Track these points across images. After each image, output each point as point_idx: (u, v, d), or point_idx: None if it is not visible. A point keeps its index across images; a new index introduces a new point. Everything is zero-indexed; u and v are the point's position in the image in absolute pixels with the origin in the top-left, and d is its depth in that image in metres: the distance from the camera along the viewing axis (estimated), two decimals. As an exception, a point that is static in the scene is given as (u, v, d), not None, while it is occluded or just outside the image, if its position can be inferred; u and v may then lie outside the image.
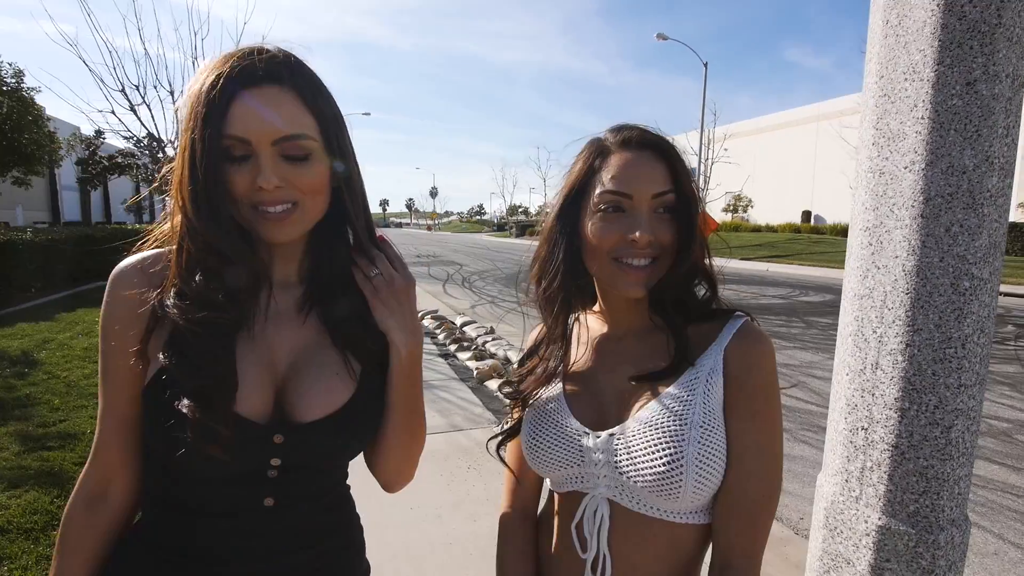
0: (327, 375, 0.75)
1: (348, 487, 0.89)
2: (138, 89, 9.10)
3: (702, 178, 25.48)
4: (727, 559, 0.74)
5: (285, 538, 0.76)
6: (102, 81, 7.84)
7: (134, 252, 0.77)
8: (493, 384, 4.88)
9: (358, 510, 0.91)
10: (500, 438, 0.93)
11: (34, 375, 5.02)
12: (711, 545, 0.78)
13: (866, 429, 1.17)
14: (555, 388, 0.86)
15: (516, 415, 0.90)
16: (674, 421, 0.73)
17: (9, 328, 6.91)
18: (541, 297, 0.87)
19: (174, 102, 9.48)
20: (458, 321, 7.85)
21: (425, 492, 2.95)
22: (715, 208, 34.74)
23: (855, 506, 1.19)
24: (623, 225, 0.77)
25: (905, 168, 1.09)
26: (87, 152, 17.16)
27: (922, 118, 1.06)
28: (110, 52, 12.06)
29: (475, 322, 7.77)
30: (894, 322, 1.12)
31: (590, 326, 0.90)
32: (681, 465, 0.71)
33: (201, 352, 0.69)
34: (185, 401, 0.67)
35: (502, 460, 0.93)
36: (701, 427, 0.73)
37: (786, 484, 3.49)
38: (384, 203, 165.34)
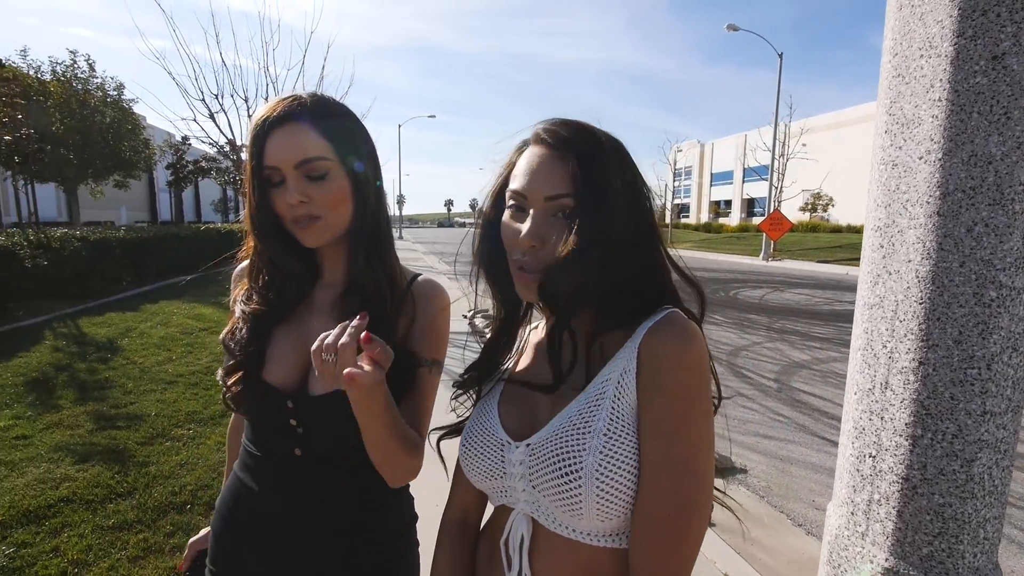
0: None
1: None
2: (217, 98, 9.79)
3: (776, 175, 24.08)
4: None
5: (312, 483, 0.93)
6: (185, 91, 8.50)
7: (240, 258, 1.02)
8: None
9: None
10: (442, 432, 0.89)
11: (114, 360, 5.50)
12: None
13: (874, 456, 1.03)
14: (495, 392, 0.82)
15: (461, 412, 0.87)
16: (576, 430, 0.66)
17: (100, 317, 7.62)
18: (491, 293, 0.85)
19: (248, 110, 10.11)
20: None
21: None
22: (791, 207, 32.67)
23: (860, 543, 1.05)
24: (520, 224, 0.71)
25: (920, 158, 0.94)
26: (175, 157, 18.71)
27: (939, 100, 0.91)
28: (192, 64, 13.04)
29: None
30: (906, 336, 0.97)
31: (541, 333, 0.85)
32: (579, 476, 0.64)
33: (243, 336, 0.92)
34: (220, 372, 0.94)
35: (440, 455, 0.88)
36: (604, 435, 0.65)
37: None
38: (449, 203, 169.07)
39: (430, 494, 1.11)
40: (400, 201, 48.54)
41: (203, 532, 1.10)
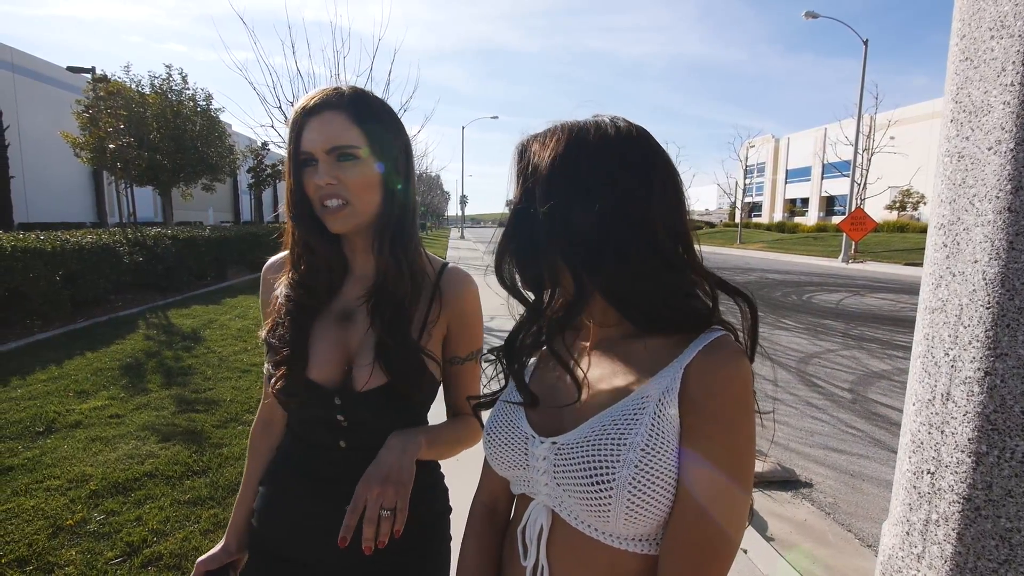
0: (370, 362, 0.94)
1: None
2: (292, 104, 10.36)
3: (858, 170, 22.48)
4: None
5: (356, 474, 0.93)
6: (264, 99, 9.06)
7: (283, 248, 1.05)
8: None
9: None
10: (478, 400, 0.91)
11: (197, 349, 5.96)
12: None
13: (932, 473, 0.94)
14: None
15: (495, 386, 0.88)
16: (613, 440, 0.66)
17: (186, 309, 8.28)
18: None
19: (320, 114, 10.63)
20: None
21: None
22: (875, 205, 30.27)
23: (916, 565, 0.97)
24: None
25: (989, 149, 0.86)
26: (255, 161, 20.00)
27: (1011, 85, 0.82)
28: (271, 73, 13.88)
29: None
30: (971, 343, 0.89)
31: (577, 331, 0.84)
32: (611, 487, 0.64)
33: (284, 333, 0.95)
34: (268, 367, 0.96)
35: (480, 422, 0.94)
36: (642, 450, 0.64)
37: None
38: (510, 203, 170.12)
39: (464, 487, 1.13)
40: (463, 202, 49.39)
41: (212, 552, 1.08)
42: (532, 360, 0.87)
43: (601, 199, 0.68)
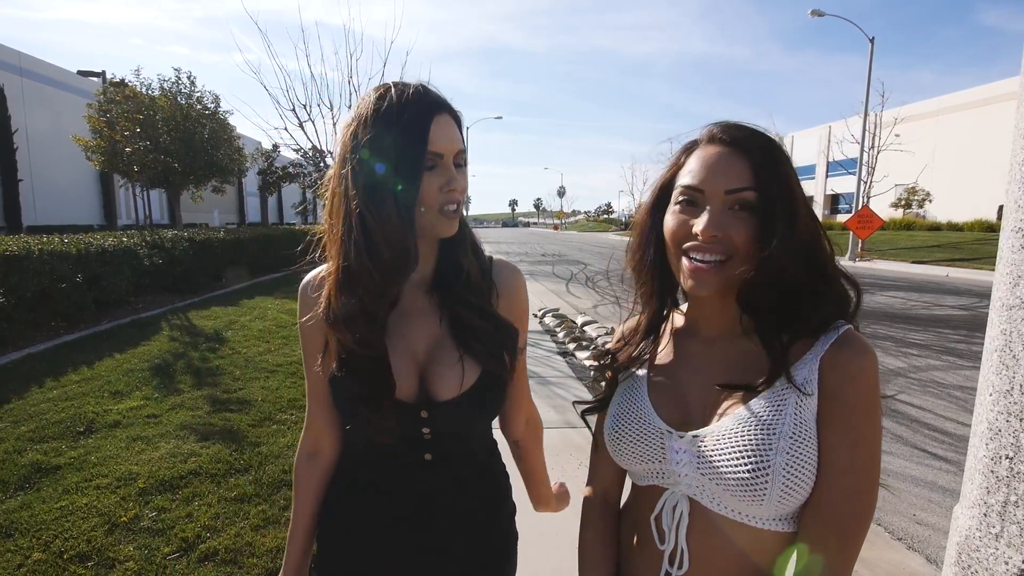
0: (456, 362, 0.91)
1: (495, 444, 1.06)
2: (305, 108, 10.44)
3: (865, 168, 22.45)
4: (811, 573, 0.71)
5: (443, 482, 0.95)
6: (277, 102, 9.15)
7: (307, 259, 0.97)
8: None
9: None
10: (587, 406, 0.94)
11: (222, 350, 6.04)
12: (795, 556, 0.75)
13: (1011, 458, 1.01)
14: (641, 382, 0.87)
15: (605, 390, 0.92)
16: (762, 430, 0.71)
17: (205, 311, 8.37)
18: (636, 289, 0.89)
19: (333, 118, 10.73)
20: (579, 320, 7.88)
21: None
22: (881, 203, 30.23)
23: (994, 544, 1.03)
24: (692, 219, 0.76)
25: (1070, 156, 0.92)
26: (265, 164, 20.09)
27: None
28: (284, 76, 13.97)
29: (596, 322, 7.74)
30: (1051, 337, 0.95)
31: (681, 324, 0.89)
32: (767, 473, 0.70)
33: (361, 367, 0.87)
34: (357, 404, 0.87)
35: (586, 423, 0.95)
36: (791, 438, 0.70)
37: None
38: (513, 203, 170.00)
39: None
40: (467, 201, 49.46)
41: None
42: (643, 359, 0.90)
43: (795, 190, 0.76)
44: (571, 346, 6.46)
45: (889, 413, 4.62)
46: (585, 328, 7.39)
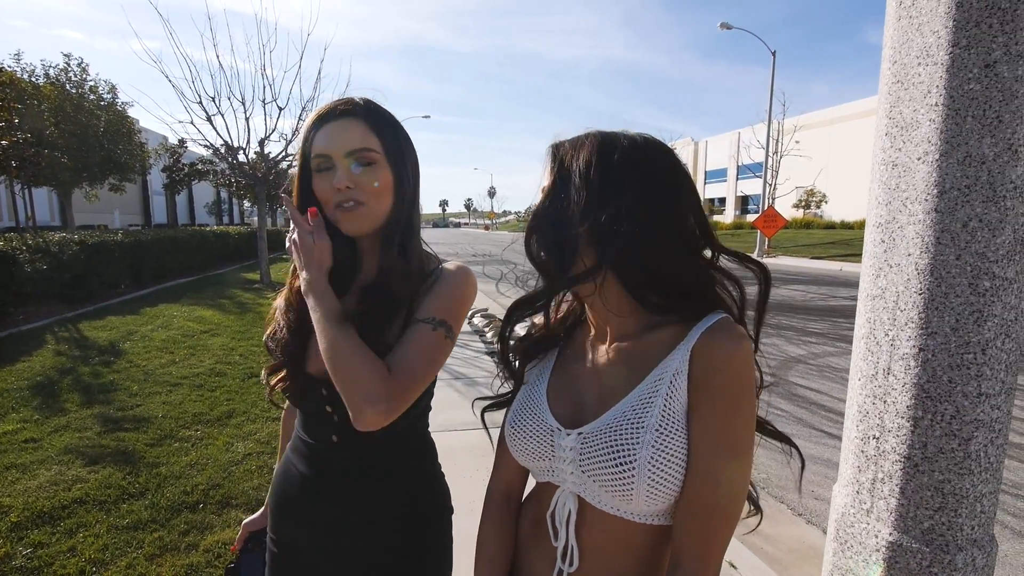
0: None
1: (423, 441, 1.07)
2: (214, 100, 9.78)
3: (770, 172, 24.22)
4: (678, 559, 0.73)
5: (349, 468, 0.99)
6: (182, 94, 8.51)
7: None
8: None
9: None
10: (488, 403, 0.95)
11: (118, 363, 5.52)
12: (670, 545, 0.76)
13: (877, 438, 1.09)
14: (543, 379, 0.88)
15: (514, 387, 0.91)
16: (630, 424, 0.72)
17: (100, 320, 7.63)
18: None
19: (245, 112, 10.12)
20: (506, 319, 7.89)
21: (461, 486, 3.00)
22: (785, 204, 32.77)
23: (866, 519, 1.11)
24: None
25: (918, 159, 1.01)
26: (171, 160, 18.65)
27: (936, 105, 0.98)
28: (189, 67, 13.02)
29: (525, 322, 7.79)
30: (907, 324, 1.04)
31: (590, 327, 0.89)
32: (633, 469, 0.71)
33: (284, 335, 0.99)
34: (264, 372, 1.04)
35: (484, 424, 0.95)
36: (657, 431, 0.71)
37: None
38: (444, 204, 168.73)
39: (464, 491, 1.16)
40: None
41: (256, 515, 1.18)
42: (551, 358, 0.91)
43: (628, 187, 0.75)
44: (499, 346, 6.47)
45: (789, 397, 4.98)
46: (515, 328, 7.42)
